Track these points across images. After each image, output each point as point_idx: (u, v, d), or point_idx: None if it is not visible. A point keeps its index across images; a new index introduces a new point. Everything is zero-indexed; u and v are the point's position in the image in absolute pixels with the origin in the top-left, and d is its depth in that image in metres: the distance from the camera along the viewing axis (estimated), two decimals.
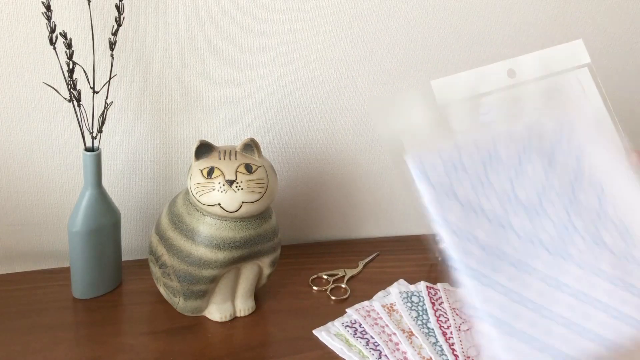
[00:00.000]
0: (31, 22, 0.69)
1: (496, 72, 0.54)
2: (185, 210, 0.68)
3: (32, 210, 0.79)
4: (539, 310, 0.37)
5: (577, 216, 0.42)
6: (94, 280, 0.73)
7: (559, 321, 0.37)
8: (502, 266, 0.40)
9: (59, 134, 0.76)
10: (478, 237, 0.41)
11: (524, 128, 0.47)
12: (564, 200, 0.43)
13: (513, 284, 0.39)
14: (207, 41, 0.76)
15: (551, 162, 0.45)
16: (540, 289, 0.38)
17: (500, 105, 0.51)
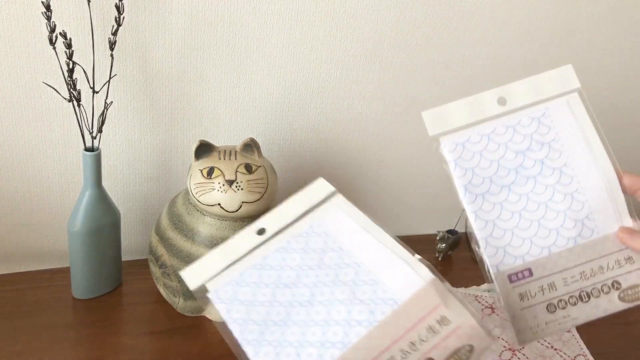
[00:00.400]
0: (31, 22, 0.69)
1: (487, 100, 0.56)
2: (185, 210, 0.68)
3: (32, 210, 0.79)
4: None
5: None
6: (94, 280, 0.73)
7: (314, 346, 0.47)
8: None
9: (58, 133, 0.76)
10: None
11: None
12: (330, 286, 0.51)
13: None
14: (207, 41, 0.76)
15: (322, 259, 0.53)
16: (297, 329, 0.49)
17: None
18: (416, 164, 0.92)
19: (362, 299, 0.49)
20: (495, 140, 0.56)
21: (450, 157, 0.56)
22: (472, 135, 0.56)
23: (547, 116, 0.57)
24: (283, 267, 0.52)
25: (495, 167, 0.56)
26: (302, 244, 0.53)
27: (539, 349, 0.68)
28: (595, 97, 0.96)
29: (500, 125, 0.57)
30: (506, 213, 0.55)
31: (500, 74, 0.89)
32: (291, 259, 0.53)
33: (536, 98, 0.57)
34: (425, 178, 0.93)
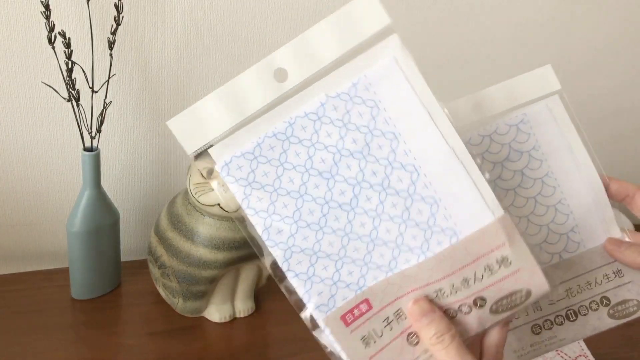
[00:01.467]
0: (30, 21, 0.69)
1: (461, 108, 0.51)
2: (185, 211, 0.68)
3: (31, 210, 0.79)
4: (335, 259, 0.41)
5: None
6: (93, 280, 0.73)
7: (356, 263, 0.41)
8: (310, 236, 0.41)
9: (57, 133, 0.76)
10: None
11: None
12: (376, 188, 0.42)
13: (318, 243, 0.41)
14: (206, 41, 0.76)
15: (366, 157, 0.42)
16: (339, 243, 0.41)
17: None
18: None
19: (417, 222, 0.41)
20: (470, 150, 0.49)
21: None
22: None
23: (526, 122, 0.51)
24: (314, 144, 0.41)
25: None
26: (342, 113, 0.41)
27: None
28: (596, 97, 0.96)
29: (475, 135, 0.51)
30: None
31: (500, 74, 0.89)
32: (326, 132, 0.41)
33: (515, 103, 0.52)
34: None
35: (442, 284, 0.41)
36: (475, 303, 0.42)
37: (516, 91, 0.52)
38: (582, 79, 0.94)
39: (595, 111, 0.98)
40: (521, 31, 0.87)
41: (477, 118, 0.51)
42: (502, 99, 0.52)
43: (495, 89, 0.52)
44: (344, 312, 0.42)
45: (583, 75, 0.94)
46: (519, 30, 0.87)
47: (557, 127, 0.51)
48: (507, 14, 0.85)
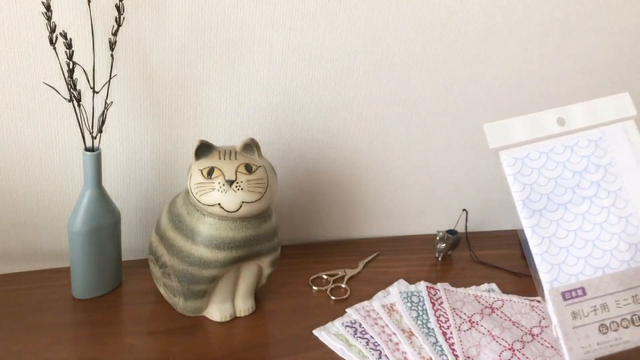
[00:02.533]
0: (31, 22, 0.69)
1: (546, 119, 0.59)
2: (185, 210, 0.68)
3: (32, 210, 0.79)
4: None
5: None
6: (94, 280, 0.73)
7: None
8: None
9: (59, 134, 0.76)
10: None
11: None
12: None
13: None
14: (207, 41, 0.76)
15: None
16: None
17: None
18: (416, 164, 0.92)
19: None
20: (554, 158, 0.59)
21: (509, 171, 0.58)
22: (532, 151, 0.59)
23: (604, 140, 0.59)
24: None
25: (552, 185, 0.58)
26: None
27: (539, 349, 0.68)
28: (591, 97, 0.96)
29: (559, 144, 0.59)
30: (562, 231, 0.57)
31: (499, 74, 0.89)
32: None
33: (593, 121, 0.60)
34: (426, 178, 0.94)
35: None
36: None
37: (596, 111, 0.60)
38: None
39: None
40: (521, 30, 0.87)
41: (560, 130, 0.59)
42: (583, 116, 0.60)
43: (578, 107, 0.60)
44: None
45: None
46: (519, 30, 0.87)
47: (631, 148, 0.59)
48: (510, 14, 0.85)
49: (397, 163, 0.91)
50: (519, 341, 0.69)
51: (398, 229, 0.96)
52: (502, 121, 0.59)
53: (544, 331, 0.71)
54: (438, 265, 0.87)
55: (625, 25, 0.91)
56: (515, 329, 0.71)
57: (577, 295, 0.56)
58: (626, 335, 0.55)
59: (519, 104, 0.91)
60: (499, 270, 0.85)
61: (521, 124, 0.59)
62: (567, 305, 0.56)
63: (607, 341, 0.55)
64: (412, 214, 0.96)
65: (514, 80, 0.90)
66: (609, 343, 0.55)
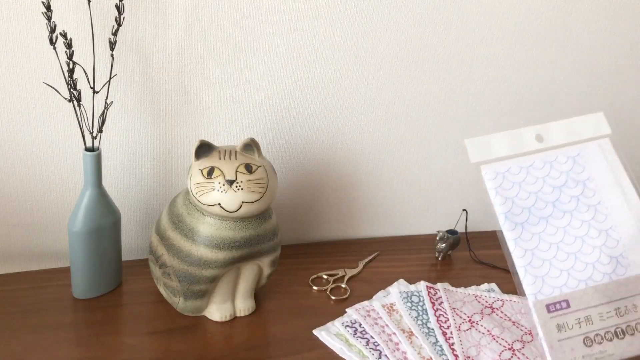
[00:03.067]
0: (31, 22, 0.69)
1: (526, 136, 0.61)
2: (186, 210, 0.68)
3: (32, 210, 0.79)
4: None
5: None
6: (94, 280, 0.73)
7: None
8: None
9: (59, 134, 0.76)
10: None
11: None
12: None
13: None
14: (207, 41, 0.76)
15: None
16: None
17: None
18: (416, 164, 0.92)
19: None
20: (534, 173, 0.61)
21: (490, 185, 0.60)
22: (512, 166, 0.61)
23: (582, 156, 0.62)
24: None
25: (533, 199, 0.60)
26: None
27: (540, 349, 0.68)
28: (593, 97, 0.97)
29: (539, 160, 0.61)
30: (544, 244, 0.58)
31: (499, 74, 0.89)
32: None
33: (570, 139, 0.62)
34: (426, 178, 0.94)
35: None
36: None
37: (573, 129, 0.62)
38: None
39: None
40: (516, 31, 0.87)
41: (538, 146, 0.61)
42: (560, 134, 0.62)
43: (555, 125, 0.62)
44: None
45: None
46: (516, 30, 0.87)
47: (607, 165, 0.61)
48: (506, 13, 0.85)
49: (397, 163, 0.91)
50: (518, 341, 0.69)
51: (398, 229, 0.96)
52: (483, 137, 0.62)
53: None
54: (438, 265, 0.87)
55: (625, 27, 0.91)
56: (515, 329, 0.71)
57: (561, 307, 0.57)
58: (610, 348, 0.56)
59: (519, 104, 0.91)
60: (499, 270, 0.85)
61: (501, 140, 0.61)
62: (551, 317, 0.56)
63: (592, 354, 0.56)
64: (412, 214, 0.96)
65: (514, 80, 0.90)
66: (594, 356, 0.56)
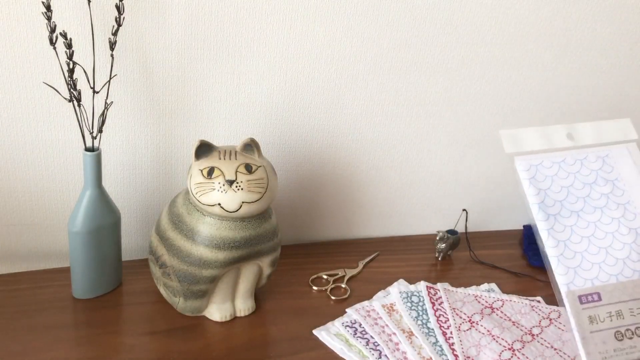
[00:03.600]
0: (31, 22, 0.69)
1: (557, 133, 0.64)
2: (186, 210, 0.68)
3: (32, 210, 0.79)
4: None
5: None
6: (94, 280, 0.73)
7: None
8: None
9: (59, 134, 0.76)
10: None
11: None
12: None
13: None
14: (207, 41, 0.76)
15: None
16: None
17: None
18: (416, 164, 0.92)
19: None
20: (565, 169, 0.62)
21: (524, 176, 0.61)
22: (545, 160, 0.62)
23: (611, 157, 0.64)
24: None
25: (565, 192, 0.61)
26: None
27: (539, 349, 0.68)
28: (592, 97, 0.97)
29: (570, 156, 0.63)
30: (576, 237, 0.60)
31: (500, 74, 0.89)
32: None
33: (599, 140, 0.64)
34: (426, 178, 0.94)
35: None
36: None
37: (602, 131, 0.65)
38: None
39: None
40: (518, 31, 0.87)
41: (569, 144, 0.64)
42: (589, 135, 0.64)
43: (585, 125, 0.65)
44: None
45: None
46: (517, 30, 0.87)
47: (635, 167, 0.63)
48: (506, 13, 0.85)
49: (397, 163, 0.91)
50: (518, 341, 0.69)
51: (398, 229, 0.96)
52: (517, 129, 0.63)
53: (543, 331, 0.71)
54: (438, 265, 0.87)
55: (626, 28, 0.91)
56: (515, 329, 0.71)
57: (592, 300, 0.57)
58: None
59: (519, 103, 0.91)
60: (499, 270, 0.85)
61: (534, 135, 0.63)
62: (584, 309, 0.57)
63: (623, 348, 0.57)
64: (412, 214, 0.96)
65: (514, 80, 0.90)
66: (625, 350, 0.57)
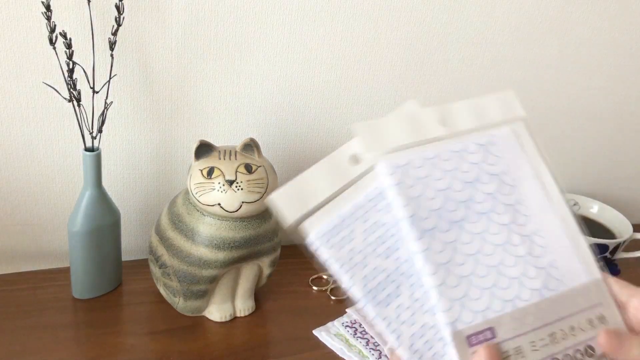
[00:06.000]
0: (31, 22, 0.69)
1: (427, 119, 0.49)
2: (185, 210, 0.68)
3: (32, 210, 0.79)
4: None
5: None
6: (94, 280, 0.73)
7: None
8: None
9: (58, 134, 0.76)
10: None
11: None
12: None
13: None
14: (207, 41, 0.76)
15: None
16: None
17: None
18: None
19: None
20: (440, 167, 0.47)
21: (390, 182, 0.46)
22: (414, 159, 0.47)
23: (494, 144, 0.49)
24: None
25: (442, 199, 0.47)
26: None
27: None
28: (591, 97, 0.96)
29: (445, 150, 0.48)
30: (459, 256, 0.45)
31: (499, 74, 0.89)
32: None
33: (478, 123, 0.49)
34: None
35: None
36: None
37: (481, 111, 0.50)
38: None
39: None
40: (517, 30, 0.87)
41: (443, 132, 0.49)
42: (467, 117, 0.50)
43: (460, 105, 0.50)
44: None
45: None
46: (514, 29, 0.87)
47: (524, 155, 0.49)
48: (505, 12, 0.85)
49: None
50: None
51: None
52: (376, 121, 0.49)
53: None
54: None
55: (623, 24, 0.91)
56: None
57: (485, 339, 0.44)
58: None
59: (521, 103, 0.91)
60: None
61: (399, 124, 0.48)
62: (473, 353, 0.43)
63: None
64: None
65: (514, 81, 0.90)
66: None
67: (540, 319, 0.45)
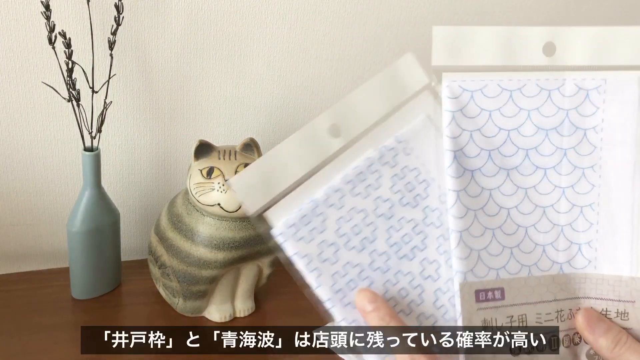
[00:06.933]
0: (30, 21, 0.69)
1: (529, 41, 0.40)
2: (185, 211, 0.68)
3: (31, 210, 0.79)
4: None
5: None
6: (94, 280, 0.73)
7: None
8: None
9: (58, 133, 0.76)
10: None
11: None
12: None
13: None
14: (206, 41, 0.76)
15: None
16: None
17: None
18: None
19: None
20: (519, 103, 0.40)
21: (448, 106, 0.40)
22: (490, 84, 0.39)
23: (604, 92, 0.39)
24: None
25: (502, 138, 0.40)
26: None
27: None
28: None
29: (533, 83, 0.40)
30: (493, 207, 0.40)
31: None
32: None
33: (597, 61, 0.40)
34: None
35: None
36: None
37: (604, 46, 0.40)
38: None
39: None
40: None
41: (545, 61, 0.41)
42: (583, 49, 0.40)
43: (577, 32, 0.40)
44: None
45: None
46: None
47: (634, 111, 0.40)
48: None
49: None
50: None
51: None
52: (463, 28, 0.39)
53: None
54: None
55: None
56: None
57: (493, 298, 0.41)
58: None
59: None
60: None
61: (489, 39, 0.39)
62: (479, 309, 0.40)
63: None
64: None
65: None
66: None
67: (552, 292, 0.41)
